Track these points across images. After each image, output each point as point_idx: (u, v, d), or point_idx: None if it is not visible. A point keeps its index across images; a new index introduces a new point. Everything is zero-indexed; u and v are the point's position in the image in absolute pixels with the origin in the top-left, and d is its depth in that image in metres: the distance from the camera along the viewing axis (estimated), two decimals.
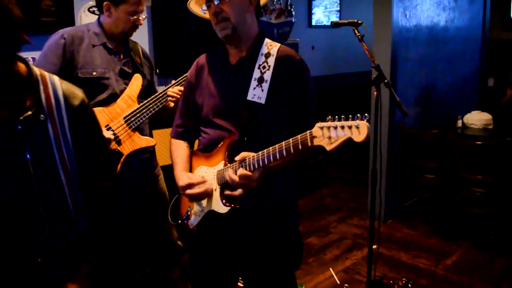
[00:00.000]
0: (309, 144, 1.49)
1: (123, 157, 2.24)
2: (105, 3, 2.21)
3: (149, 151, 2.47)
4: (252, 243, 1.88)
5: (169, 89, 2.37)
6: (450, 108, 4.98)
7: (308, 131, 1.49)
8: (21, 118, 1.26)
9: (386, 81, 2.32)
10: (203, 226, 1.87)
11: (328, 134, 1.45)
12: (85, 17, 3.50)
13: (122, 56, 2.35)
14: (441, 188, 4.04)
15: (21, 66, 1.31)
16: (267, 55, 1.81)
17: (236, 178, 1.64)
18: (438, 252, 3.72)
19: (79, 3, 3.48)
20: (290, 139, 1.54)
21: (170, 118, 2.09)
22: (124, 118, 2.26)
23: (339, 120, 1.44)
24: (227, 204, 1.74)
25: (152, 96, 2.33)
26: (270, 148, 1.59)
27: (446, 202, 4.01)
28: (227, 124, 1.80)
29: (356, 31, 2.39)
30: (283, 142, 1.56)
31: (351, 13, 6.09)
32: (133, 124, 2.27)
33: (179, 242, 2.58)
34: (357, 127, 1.37)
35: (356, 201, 4.87)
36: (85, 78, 2.21)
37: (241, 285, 2.88)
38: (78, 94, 1.40)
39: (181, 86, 2.38)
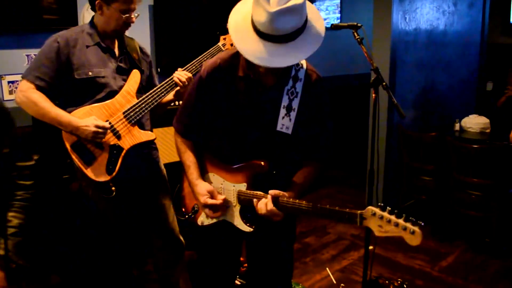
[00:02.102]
0: (358, 224, 1.55)
1: (123, 151, 2.26)
2: (97, 1, 2.23)
3: (151, 147, 2.50)
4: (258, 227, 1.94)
5: (175, 73, 2.37)
6: (448, 111, 5.02)
7: (358, 212, 1.54)
8: None
9: (384, 83, 2.35)
10: (214, 225, 1.93)
11: (380, 223, 1.50)
12: (88, 16, 3.51)
13: (117, 53, 2.37)
14: (437, 190, 4.08)
15: None
16: (295, 78, 1.78)
17: (264, 211, 1.69)
18: (434, 254, 3.75)
19: (82, 1, 3.50)
20: (336, 208, 1.58)
21: (171, 116, 2.09)
22: (124, 113, 2.28)
23: (391, 213, 1.49)
24: (250, 225, 1.81)
25: (151, 91, 2.34)
26: (311, 204, 1.64)
27: (442, 204, 4.04)
28: (251, 147, 1.81)
29: (355, 34, 2.42)
30: (328, 206, 1.60)
31: (351, 15, 6.11)
32: (133, 119, 2.29)
33: (181, 238, 2.61)
34: (412, 233, 1.45)
35: (354, 202, 4.89)
36: (81, 79, 2.24)
37: (239, 283, 2.92)
38: None
39: (188, 71, 2.39)
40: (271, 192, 1.70)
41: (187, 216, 2.01)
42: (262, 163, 1.76)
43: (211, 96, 1.83)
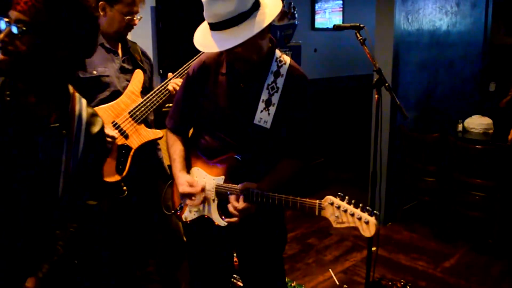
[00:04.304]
0: (316, 213, 1.61)
1: (132, 151, 2.28)
2: (100, 2, 2.26)
3: (156, 148, 2.51)
4: (243, 232, 1.96)
5: (170, 83, 2.40)
6: (450, 112, 5.00)
7: (317, 202, 1.62)
8: (48, 126, 1.35)
9: (387, 84, 2.34)
10: (197, 221, 1.95)
11: (338, 213, 1.56)
12: None
13: (121, 54, 2.40)
14: (440, 191, 4.07)
15: None
16: (277, 74, 1.81)
17: (238, 207, 1.74)
18: (437, 255, 3.74)
19: None
20: (298, 199, 1.64)
21: None
22: (129, 112, 2.31)
23: (349, 203, 1.55)
24: (226, 219, 1.83)
25: (155, 89, 2.38)
26: (276, 194, 1.69)
27: (445, 205, 4.03)
28: (229, 141, 1.84)
29: (358, 34, 2.41)
30: (290, 197, 1.66)
31: (353, 16, 6.11)
32: (139, 118, 2.31)
33: (184, 238, 2.61)
34: (366, 223, 1.48)
35: None
36: (85, 78, 2.26)
37: (241, 284, 2.91)
38: (99, 121, 1.49)
39: (181, 78, 2.41)
40: (240, 186, 1.75)
41: (173, 211, 2.03)
42: (237, 156, 1.81)
43: (197, 92, 1.90)
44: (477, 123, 4.41)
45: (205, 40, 1.68)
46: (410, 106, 4.42)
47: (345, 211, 1.53)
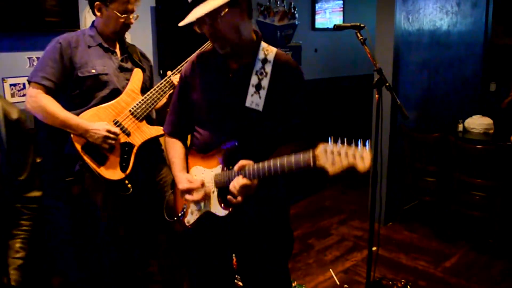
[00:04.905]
0: (312, 165, 1.56)
1: (135, 148, 2.29)
2: (96, 3, 2.30)
3: (159, 149, 2.52)
4: (246, 236, 1.94)
5: (174, 78, 2.42)
6: (451, 112, 5.01)
7: (311, 151, 1.55)
8: None
9: (387, 84, 2.35)
10: (200, 224, 1.93)
11: (332, 158, 1.51)
12: (90, 17, 3.51)
13: (119, 53, 2.43)
14: (441, 191, 4.07)
15: None
16: (264, 61, 1.83)
17: (237, 186, 1.70)
18: (437, 255, 3.74)
19: (83, 3, 3.51)
20: (292, 156, 1.59)
21: None
22: (130, 110, 2.32)
23: (342, 142, 1.50)
24: (225, 207, 1.81)
25: (155, 86, 2.40)
26: (271, 161, 1.65)
27: (446, 205, 4.03)
28: (224, 128, 1.84)
29: (358, 34, 2.41)
30: (285, 157, 1.61)
31: (354, 16, 6.11)
32: (140, 115, 2.33)
33: None
34: (362, 157, 1.45)
35: (357, 204, 4.89)
36: (85, 76, 2.28)
37: (241, 284, 2.91)
38: (14, 110, 1.47)
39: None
40: (236, 167, 1.73)
41: (175, 218, 2.02)
42: (232, 142, 1.80)
43: (190, 90, 1.92)
44: (477, 123, 4.41)
45: (186, 18, 1.76)
46: (411, 106, 4.42)
47: (339, 153, 1.50)
